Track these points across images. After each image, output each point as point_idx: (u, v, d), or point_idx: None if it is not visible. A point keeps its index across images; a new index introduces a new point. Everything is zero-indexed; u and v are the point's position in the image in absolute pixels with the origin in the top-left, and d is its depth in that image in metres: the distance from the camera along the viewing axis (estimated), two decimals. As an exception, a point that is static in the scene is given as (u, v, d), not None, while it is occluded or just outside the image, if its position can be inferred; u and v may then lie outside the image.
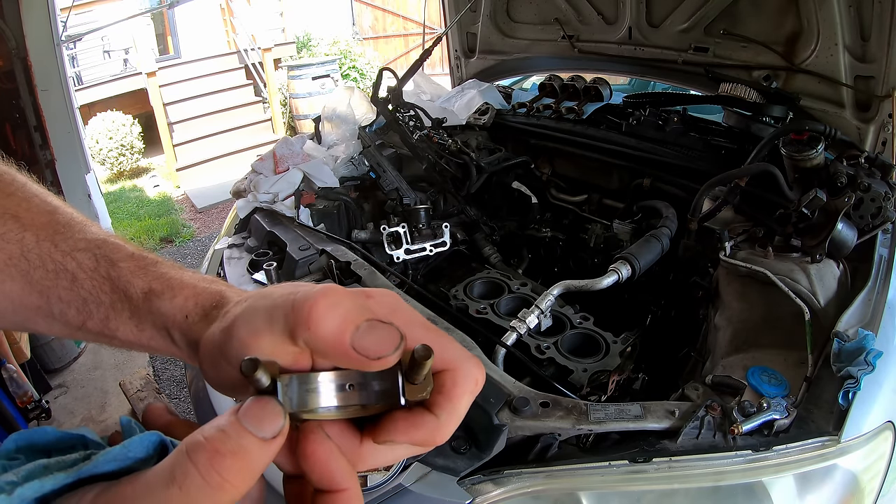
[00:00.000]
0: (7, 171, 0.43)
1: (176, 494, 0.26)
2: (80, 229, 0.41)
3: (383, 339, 0.29)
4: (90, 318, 0.40)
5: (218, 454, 0.26)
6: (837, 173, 1.27)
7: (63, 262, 0.39)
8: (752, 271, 1.22)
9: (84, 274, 0.39)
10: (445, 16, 2.75)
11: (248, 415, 0.28)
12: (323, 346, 0.30)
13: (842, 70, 1.59)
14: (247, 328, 0.32)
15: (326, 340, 0.30)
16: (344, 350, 0.29)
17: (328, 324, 0.29)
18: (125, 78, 7.09)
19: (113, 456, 0.29)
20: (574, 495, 0.90)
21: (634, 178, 1.86)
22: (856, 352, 0.99)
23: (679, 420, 0.94)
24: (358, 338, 0.29)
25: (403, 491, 0.92)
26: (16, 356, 2.41)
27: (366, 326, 0.29)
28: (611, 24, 2.21)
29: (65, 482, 0.28)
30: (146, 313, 0.39)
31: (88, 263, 0.40)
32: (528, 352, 1.37)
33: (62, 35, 3.71)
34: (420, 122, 2.17)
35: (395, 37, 10.11)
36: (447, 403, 0.33)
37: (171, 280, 0.39)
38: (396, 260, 1.70)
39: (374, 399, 0.32)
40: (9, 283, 0.40)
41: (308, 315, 0.29)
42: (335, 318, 0.29)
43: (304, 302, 0.30)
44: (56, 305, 0.40)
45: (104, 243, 0.41)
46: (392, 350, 0.29)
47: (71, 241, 0.40)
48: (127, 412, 2.76)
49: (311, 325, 0.29)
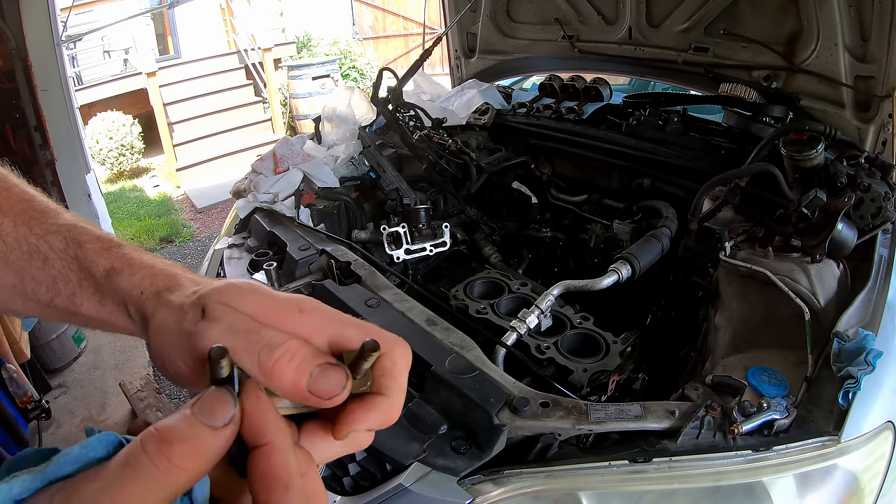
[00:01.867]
0: None
1: (129, 476, 0.28)
2: (54, 215, 0.45)
3: (333, 382, 0.34)
4: (58, 296, 0.43)
5: (166, 441, 0.29)
6: (837, 173, 1.27)
7: (37, 244, 0.43)
8: (752, 271, 1.22)
9: (55, 255, 0.43)
10: (445, 16, 2.75)
11: (201, 406, 0.31)
12: (283, 392, 0.34)
13: (842, 70, 1.59)
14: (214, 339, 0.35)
15: (286, 389, 0.34)
16: (303, 395, 0.34)
17: (287, 376, 0.33)
18: (125, 78, 7.10)
19: (74, 457, 0.30)
20: (574, 495, 0.90)
21: (634, 178, 1.86)
22: (856, 352, 0.99)
23: (679, 420, 0.94)
24: (312, 383, 0.33)
25: (403, 491, 0.92)
26: (16, 356, 2.41)
27: (318, 372, 0.34)
28: (611, 24, 2.21)
29: (33, 485, 0.29)
30: (107, 290, 0.42)
31: (59, 245, 0.43)
32: (528, 352, 1.37)
33: (62, 35, 3.71)
34: (420, 122, 2.17)
35: (395, 37, 10.11)
36: (393, 382, 0.37)
37: (131, 260, 0.43)
38: (396, 260, 1.70)
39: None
40: None
41: (270, 371, 0.33)
42: (291, 371, 0.33)
43: (267, 359, 0.34)
44: (29, 284, 0.43)
45: (74, 227, 0.44)
46: (341, 389, 0.34)
47: (44, 225, 0.44)
48: (127, 412, 2.76)
49: (273, 378, 0.34)
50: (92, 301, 0.43)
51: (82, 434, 0.59)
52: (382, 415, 0.37)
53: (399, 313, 1.26)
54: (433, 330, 1.20)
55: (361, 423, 0.36)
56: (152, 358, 0.40)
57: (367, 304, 1.29)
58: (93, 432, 0.32)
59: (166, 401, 2.72)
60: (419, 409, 1.04)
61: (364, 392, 0.36)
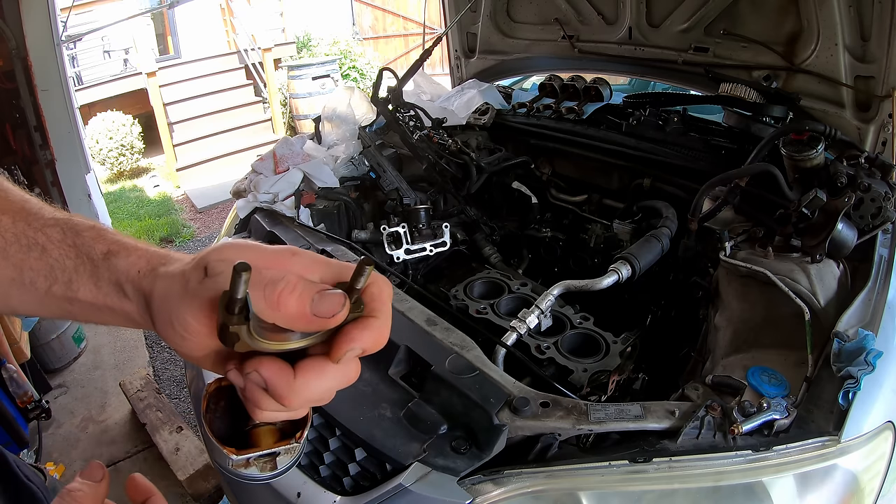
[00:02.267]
0: None
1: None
2: (50, 212, 0.48)
3: (334, 302, 0.38)
4: (56, 283, 0.45)
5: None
6: (837, 173, 1.27)
7: (35, 236, 0.46)
8: (752, 271, 1.22)
9: (52, 245, 0.45)
10: (445, 16, 2.75)
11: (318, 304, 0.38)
12: (291, 321, 0.38)
13: (842, 70, 1.59)
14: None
15: (292, 315, 0.38)
16: (308, 319, 0.38)
17: (291, 304, 0.38)
18: (125, 78, 7.09)
19: None
20: (574, 495, 0.90)
21: (634, 178, 1.86)
22: (856, 352, 0.99)
23: (679, 420, 0.94)
24: (315, 307, 0.38)
25: (403, 491, 0.93)
26: (16, 356, 2.41)
27: (318, 297, 0.38)
28: (611, 24, 2.21)
29: None
30: (104, 271, 0.45)
31: (56, 236, 0.46)
32: (528, 352, 1.37)
33: (62, 35, 3.71)
34: (420, 122, 2.17)
35: (395, 37, 10.10)
36: (382, 306, 0.42)
37: (126, 244, 0.46)
38: (396, 260, 1.70)
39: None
40: None
41: (276, 302, 0.38)
42: (295, 300, 0.38)
43: (272, 292, 0.38)
44: (27, 275, 0.45)
45: (70, 219, 0.47)
46: (341, 308, 0.38)
47: (42, 219, 0.47)
48: (127, 412, 2.76)
49: (279, 308, 0.38)
50: (88, 285, 0.45)
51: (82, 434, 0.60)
52: (375, 334, 0.40)
53: (399, 313, 1.26)
54: (433, 330, 1.21)
55: (357, 342, 0.40)
56: (159, 331, 0.42)
57: (367, 304, 1.28)
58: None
59: (166, 401, 2.71)
60: (419, 409, 1.04)
61: (358, 316, 0.41)
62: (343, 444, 1.08)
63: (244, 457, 0.46)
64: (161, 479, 2.38)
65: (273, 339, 0.39)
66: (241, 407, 0.45)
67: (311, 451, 1.11)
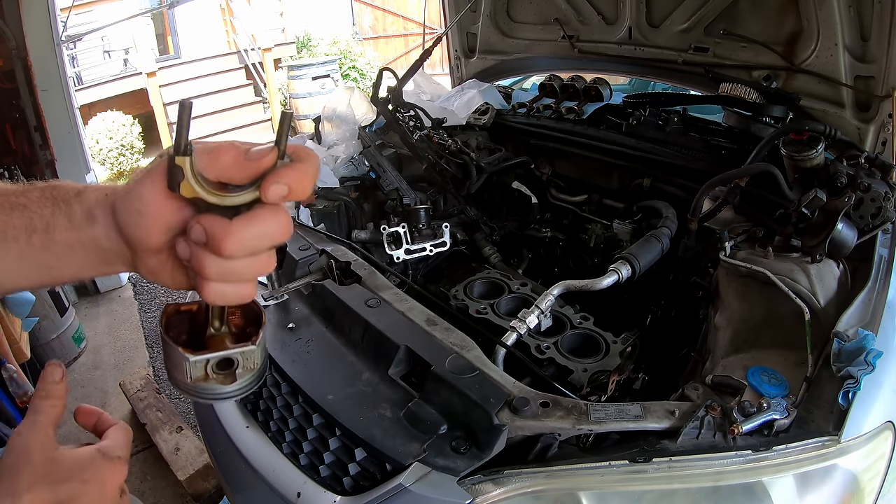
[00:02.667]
0: None
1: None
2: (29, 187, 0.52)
3: (262, 149, 0.44)
4: (35, 233, 0.49)
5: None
6: (837, 173, 1.27)
7: (17, 200, 0.50)
8: (752, 271, 1.22)
9: (32, 203, 0.49)
10: (445, 16, 2.75)
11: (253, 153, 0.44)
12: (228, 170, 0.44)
13: (842, 70, 1.59)
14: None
15: (230, 165, 0.44)
16: (242, 165, 0.44)
17: (229, 155, 0.44)
18: (125, 78, 7.09)
19: None
20: (574, 495, 0.90)
21: (634, 178, 1.86)
22: (856, 352, 0.98)
23: (679, 420, 0.94)
24: (248, 155, 0.44)
25: (403, 491, 0.92)
26: (16, 356, 2.41)
27: (249, 149, 0.44)
28: (611, 24, 2.21)
29: None
30: (76, 205, 0.49)
31: (36, 195, 0.50)
32: (528, 352, 1.37)
33: (62, 35, 3.71)
34: (420, 122, 2.17)
35: (395, 37, 10.11)
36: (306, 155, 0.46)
37: (98, 186, 0.51)
38: (396, 260, 1.70)
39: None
40: None
41: (216, 154, 0.44)
42: (231, 154, 0.44)
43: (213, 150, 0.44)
44: (10, 232, 0.49)
45: (50, 182, 0.52)
46: (269, 152, 0.43)
47: (25, 188, 0.51)
48: (127, 412, 2.76)
49: (219, 159, 0.44)
50: (63, 223, 0.49)
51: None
52: (299, 174, 0.44)
53: (399, 313, 1.26)
54: (433, 330, 1.20)
55: (283, 178, 0.43)
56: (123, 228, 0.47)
57: (367, 304, 1.29)
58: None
59: (166, 401, 2.71)
60: (419, 409, 1.04)
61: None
62: (343, 444, 1.08)
63: (202, 357, 0.49)
64: (161, 478, 2.38)
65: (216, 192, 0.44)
66: (199, 329, 0.51)
67: (311, 450, 1.11)
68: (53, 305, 3.05)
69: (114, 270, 0.52)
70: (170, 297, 3.91)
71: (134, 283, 4.11)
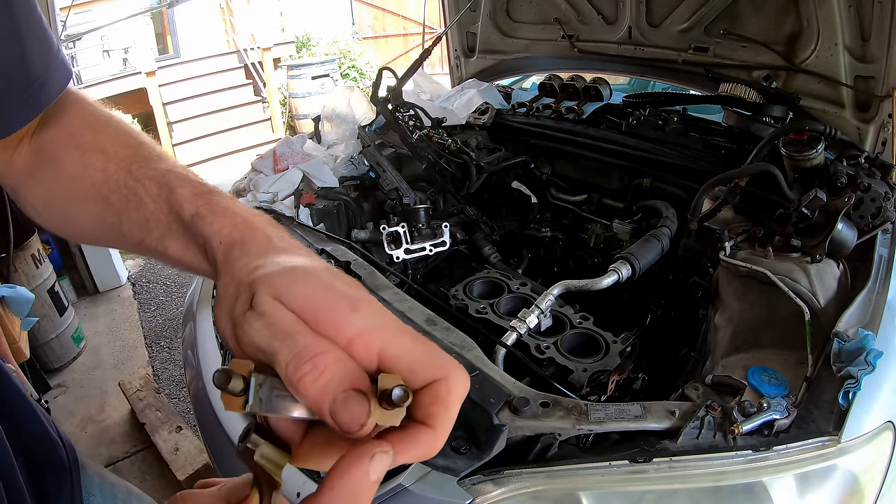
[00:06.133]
0: (104, 111, 0.57)
1: None
2: (155, 161, 0.50)
3: (354, 414, 0.31)
4: (149, 236, 0.47)
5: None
6: (837, 173, 1.27)
7: (135, 187, 0.48)
8: (752, 271, 1.22)
9: (149, 198, 0.47)
10: (445, 15, 2.75)
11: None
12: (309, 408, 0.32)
13: (842, 70, 1.59)
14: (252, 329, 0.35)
15: (310, 406, 0.32)
16: (325, 418, 0.31)
17: (310, 395, 0.31)
18: (124, 77, 7.06)
19: None
20: (574, 495, 0.90)
21: (634, 177, 1.86)
22: (856, 352, 0.98)
23: (679, 420, 0.94)
24: (334, 410, 0.31)
25: (403, 491, 0.92)
26: (15, 356, 2.41)
27: (342, 398, 0.31)
28: (611, 23, 2.21)
29: None
30: (192, 234, 0.45)
31: (154, 189, 0.47)
32: (528, 352, 1.37)
33: (61, 34, 3.70)
34: (420, 121, 2.17)
35: (395, 36, 10.09)
36: (444, 413, 0.33)
37: (215, 207, 0.45)
38: (396, 260, 1.70)
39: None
40: (93, 204, 0.50)
41: (296, 385, 0.31)
42: (315, 392, 0.31)
43: (294, 373, 0.31)
44: (125, 224, 0.48)
45: (169, 173, 0.48)
46: (359, 426, 0.31)
47: (144, 169, 0.49)
48: (126, 412, 2.76)
49: (298, 392, 0.32)
50: (179, 244, 0.46)
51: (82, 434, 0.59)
52: (424, 449, 0.33)
53: (399, 313, 1.26)
54: (433, 330, 1.20)
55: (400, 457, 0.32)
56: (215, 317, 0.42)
57: (366, 304, 1.28)
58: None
59: (165, 401, 2.71)
60: (419, 408, 1.04)
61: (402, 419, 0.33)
62: (343, 444, 1.08)
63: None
64: (160, 478, 2.38)
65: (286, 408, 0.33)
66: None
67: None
68: (53, 305, 3.04)
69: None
70: (169, 297, 3.91)
71: (133, 282, 4.11)
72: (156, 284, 4.10)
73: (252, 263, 0.38)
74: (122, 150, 0.51)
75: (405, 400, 0.31)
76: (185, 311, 1.85)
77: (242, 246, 0.41)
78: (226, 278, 0.39)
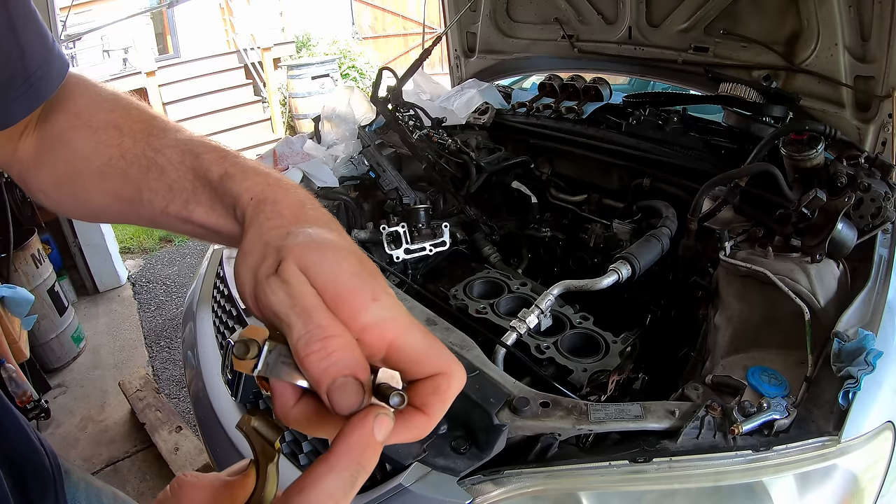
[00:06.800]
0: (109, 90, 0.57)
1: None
2: (173, 133, 0.50)
3: (349, 399, 0.33)
4: (172, 202, 0.47)
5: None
6: (837, 173, 1.27)
7: (154, 157, 0.48)
8: (752, 271, 1.22)
9: (171, 166, 0.47)
10: (445, 15, 2.75)
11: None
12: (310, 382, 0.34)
13: (842, 70, 1.59)
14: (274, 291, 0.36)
15: (311, 382, 0.34)
16: (321, 392, 0.33)
17: (313, 372, 0.33)
18: (124, 77, 7.06)
19: None
20: (574, 495, 0.90)
21: (634, 177, 1.86)
22: (856, 352, 0.98)
23: (679, 420, 0.94)
24: (331, 391, 0.33)
25: (403, 491, 0.92)
26: (15, 356, 2.41)
27: (341, 382, 0.33)
28: (611, 23, 2.21)
29: None
30: (220, 193, 0.45)
31: (175, 157, 0.48)
32: (528, 352, 1.37)
33: (61, 34, 3.70)
34: (420, 121, 2.17)
35: (395, 36, 10.10)
36: (440, 404, 0.36)
37: (244, 166, 0.46)
38: (396, 259, 1.70)
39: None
40: (110, 180, 0.50)
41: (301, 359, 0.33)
42: (319, 370, 0.33)
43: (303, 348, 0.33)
44: (146, 194, 0.48)
45: (190, 141, 0.49)
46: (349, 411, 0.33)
47: (163, 140, 0.49)
48: (126, 412, 2.76)
49: (303, 366, 0.34)
50: (204, 207, 0.46)
51: (82, 434, 0.59)
52: (417, 433, 0.36)
53: (399, 313, 1.26)
54: (433, 330, 1.20)
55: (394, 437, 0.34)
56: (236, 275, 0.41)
57: (366, 304, 1.28)
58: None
59: (165, 400, 2.71)
60: (419, 408, 1.04)
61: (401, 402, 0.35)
62: (343, 444, 1.08)
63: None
64: (160, 478, 2.38)
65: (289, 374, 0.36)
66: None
67: (311, 450, 1.11)
68: (53, 305, 3.04)
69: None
70: (169, 297, 3.91)
71: (133, 282, 4.11)
72: (156, 284, 4.10)
73: (283, 228, 0.39)
74: (137, 124, 0.52)
75: (400, 405, 0.34)
76: (185, 311, 1.85)
77: (274, 205, 0.41)
78: (253, 235, 0.40)
